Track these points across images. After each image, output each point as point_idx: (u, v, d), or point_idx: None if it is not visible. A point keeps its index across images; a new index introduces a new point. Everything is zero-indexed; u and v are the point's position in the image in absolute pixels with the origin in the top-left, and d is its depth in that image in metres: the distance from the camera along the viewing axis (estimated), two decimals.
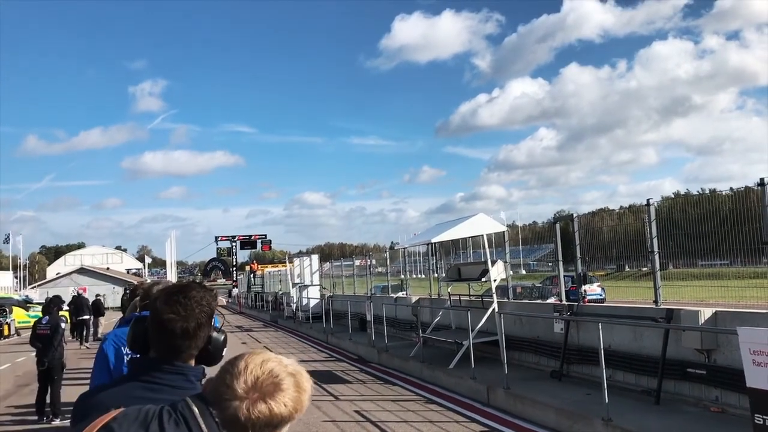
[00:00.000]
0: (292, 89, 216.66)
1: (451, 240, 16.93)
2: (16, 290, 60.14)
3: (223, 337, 2.00)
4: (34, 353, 11.37)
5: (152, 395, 1.70)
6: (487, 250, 13.37)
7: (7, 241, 69.47)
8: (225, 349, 2.01)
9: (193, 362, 1.89)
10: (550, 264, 14.12)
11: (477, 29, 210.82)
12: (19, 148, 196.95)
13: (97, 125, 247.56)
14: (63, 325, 11.27)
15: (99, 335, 24.82)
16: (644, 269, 11.89)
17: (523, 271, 20.49)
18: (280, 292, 36.93)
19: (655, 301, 9.84)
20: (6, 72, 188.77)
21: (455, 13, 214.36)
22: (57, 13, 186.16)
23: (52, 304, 11.76)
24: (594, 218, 14.80)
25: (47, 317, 11.26)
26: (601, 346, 8.23)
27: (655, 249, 9.86)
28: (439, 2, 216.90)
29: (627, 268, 13.49)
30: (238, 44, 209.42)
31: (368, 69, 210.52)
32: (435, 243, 16.95)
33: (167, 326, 1.82)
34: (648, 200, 9.98)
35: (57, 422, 10.41)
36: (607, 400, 7.90)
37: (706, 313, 8.56)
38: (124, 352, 3.36)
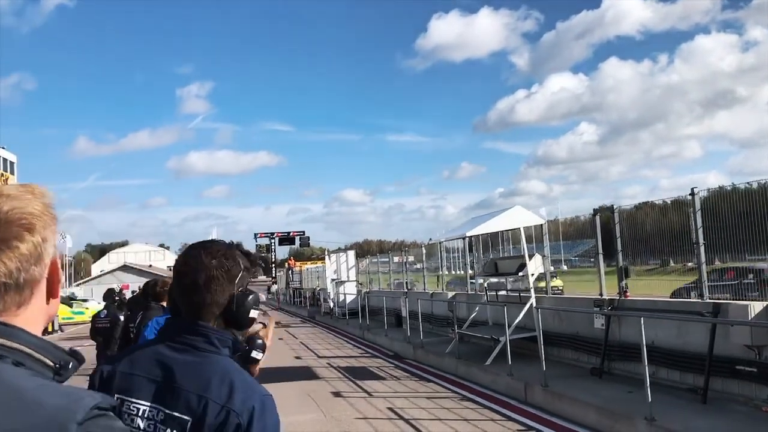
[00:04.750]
0: (329, 88, 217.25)
1: (490, 235, 16.58)
2: (61, 286, 61.41)
3: (250, 297, 1.84)
4: (94, 347, 11.38)
5: (177, 356, 1.70)
6: (524, 244, 13.03)
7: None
8: (255, 312, 1.88)
9: (216, 324, 1.79)
10: (591, 260, 13.65)
11: (515, 27, 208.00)
12: (70, 149, 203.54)
13: (145, 127, 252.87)
14: (122, 317, 11.25)
15: None
16: (689, 264, 11.43)
17: (565, 267, 19.94)
18: (318, 289, 36.98)
19: (701, 295, 9.39)
20: (62, 77, 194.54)
21: (493, 10, 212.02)
22: (110, 20, 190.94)
23: (107, 298, 11.79)
24: (637, 212, 14.30)
25: (105, 311, 11.29)
26: (644, 342, 7.87)
27: (701, 240, 9.42)
28: (476, 0, 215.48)
29: (672, 263, 12.98)
30: (275, 44, 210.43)
31: (405, 68, 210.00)
32: (473, 237, 16.65)
33: (179, 280, 1.82)
34: (692, 189, 9.53)
35: None
36: (650, 399, 7.54)
37: (756, 307, 8.11)
38: None
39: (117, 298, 11.83)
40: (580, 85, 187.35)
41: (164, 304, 5.63)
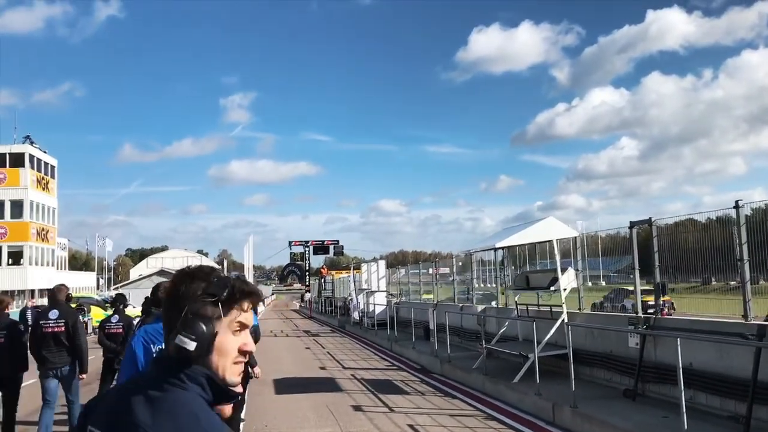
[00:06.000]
0: (368, 99, 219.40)
1: (527, 247, 16.03)
2: (99, 290, 62.48)
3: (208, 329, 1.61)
4: (101, 352, 11.18)
5: (143, 389, 1.53)
6: (558, 257, 12.49)
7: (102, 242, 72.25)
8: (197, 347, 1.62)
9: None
10: (630, 276, 13.06)
11: (555, 41, 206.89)
12: (115, 156, 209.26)
13: (188, 135, 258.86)
14: (134, 323, 11.05)
15: None
16: (732, 283, 10.78)
17: (603, 283, 19.30)
18: (349, 298, 36.72)
19: (745, 316, 8.76)
20: (111, 85, 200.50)
21: (534, 24, 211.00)
22: (159, 32, 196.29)
23: (118, 303, 11.61)
24: (677, 228, 13.64)
25: (116, 316, 11.09)
26: (680, 364, 7.33)
27: (745, 257, 8.79)
28: (518, 14, 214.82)
29: (713, 282, 12.30)
30: (317, 56, 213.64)
31: (444, 81, 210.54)
32: (503, 249, 16.12)
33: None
34: (737, 201, 8.92)
35: None
36: (686, 426, 7.04)
37: None
38: (154, 349, 3.32)
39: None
40: (622, 99, 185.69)
41: None
